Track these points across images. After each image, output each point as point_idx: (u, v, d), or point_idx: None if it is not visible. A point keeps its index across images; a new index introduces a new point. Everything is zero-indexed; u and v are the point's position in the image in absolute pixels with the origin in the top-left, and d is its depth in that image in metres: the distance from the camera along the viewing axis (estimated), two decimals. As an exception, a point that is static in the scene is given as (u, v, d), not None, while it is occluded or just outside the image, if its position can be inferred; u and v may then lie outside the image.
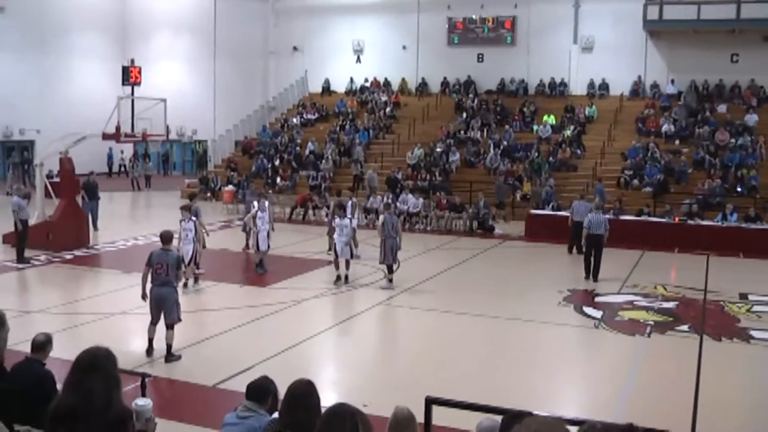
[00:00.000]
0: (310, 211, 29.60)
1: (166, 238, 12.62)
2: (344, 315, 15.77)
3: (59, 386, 6.24)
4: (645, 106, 35.87)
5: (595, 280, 19.02)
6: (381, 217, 18.74)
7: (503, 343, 13.93)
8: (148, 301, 12.20)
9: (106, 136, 24.15)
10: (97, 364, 4.27)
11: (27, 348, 7.04)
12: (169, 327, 12.02)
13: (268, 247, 19.24)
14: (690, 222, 24.90)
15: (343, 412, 3.83)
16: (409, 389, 9.93)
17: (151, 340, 12.17)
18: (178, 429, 8.98)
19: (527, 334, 14.44)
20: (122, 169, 47.09)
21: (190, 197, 19.90)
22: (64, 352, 7.85)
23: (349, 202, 21.99)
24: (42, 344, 6.87)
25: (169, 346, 11.98)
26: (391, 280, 17.96)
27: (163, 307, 12.04)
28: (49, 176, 25.69)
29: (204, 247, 18.75)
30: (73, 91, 43.76)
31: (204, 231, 18.59)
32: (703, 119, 33.65)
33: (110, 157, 46.37)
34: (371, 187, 30.71)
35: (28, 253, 20.29)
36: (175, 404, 10.14)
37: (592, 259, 19.24)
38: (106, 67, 45.36)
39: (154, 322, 12.16)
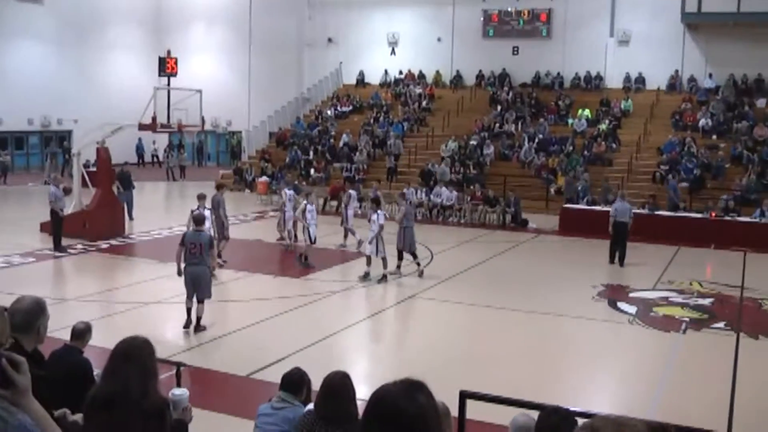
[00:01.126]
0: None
1: (198, 220, 13.82)
2: (377, 307, 15.78)
3: (96, 373, 6.32)
4: (682, 100, 35.43)
5: (621, 264, 20.29)
6: (402, 208, 19.34)
7: (536, 337, 13.86)
8: (183, 278, 13.18)
9: (142, 127, 24.36)
10: (133, 353, 4.31)
11: (64, 335, 7.14)
12: (201, 301, 13.17)
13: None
14: (727, 218, 24.59)
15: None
16: (443, 383, 9.89)
17: (189, 310, 13.18)
18: (213, 418, 9.04)
19: (560, 329, 14.35)
20: (154, 159, 47.41)
21: (217, 187, 20.00)
22: (100, 340, 7.95)
23: (351, 193, 22.85)
24: (81, 332, 6.96)
25: (198, 318, 13.19)
26: (419, 264, 18.45)
27: (197, 284, 13.05)
28: (86, 166, 25.96)
29: (225, 238, 18.86)
30: (109, 82, 44.22)
31: (220, 224, 18.53)
32: (742, 114, 33.18)
33: (140, 147, 46.70)
34: (444, 182, 30.30)
35: (65, 241, 20.52)
36: (210, 393, 10.21)
37: (618, 245, 20.54)
38: (142, 58, 45.78)
39: (189, 297, 13.16)
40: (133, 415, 4.07)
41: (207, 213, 17.09)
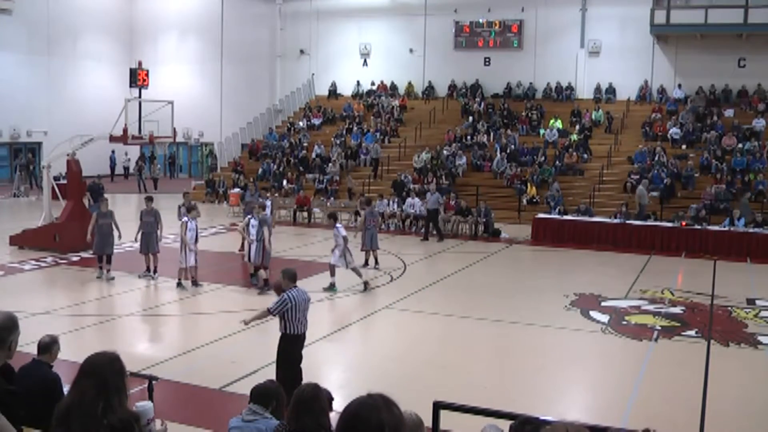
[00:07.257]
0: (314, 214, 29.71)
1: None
2: (349, 318, 15.73)
3: (66, 388, 6.24)
4: (652, 110, 35.82)
5: (439, 239, 25.35)
6: (362, 213, 21.08)
7: (510, 347, 13.89)
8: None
9: (113, 138, 24.17)
10: (93, 368, 4.24)
11: (33, 350, 7.04)
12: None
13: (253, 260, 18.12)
14: (697, 227, 24.81)
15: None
16: (417, 393, 9.89)
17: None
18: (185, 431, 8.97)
19: (534, 338, 14.39)
20: (126, 171, 47.03)
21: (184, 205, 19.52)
22: (71, 354, 7.87)
23: (268, 202, 22.70)
24: (47, 346, 6.84)
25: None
26: (376, 261, 20.58)
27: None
28: (56, 178, 25.73)
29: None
30: (80, 94, 43.92)
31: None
32: (710, 124, 33.59)
33: (113, 160, 46.33)
34: (641, 205, 27.12)
35: (35, 254, 20.33)
36: (182, 407, 10.12)
37: (432, 226, 25.90)
38: (113, 69, 45.54)
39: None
40: (92, 429, 4.02)
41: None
